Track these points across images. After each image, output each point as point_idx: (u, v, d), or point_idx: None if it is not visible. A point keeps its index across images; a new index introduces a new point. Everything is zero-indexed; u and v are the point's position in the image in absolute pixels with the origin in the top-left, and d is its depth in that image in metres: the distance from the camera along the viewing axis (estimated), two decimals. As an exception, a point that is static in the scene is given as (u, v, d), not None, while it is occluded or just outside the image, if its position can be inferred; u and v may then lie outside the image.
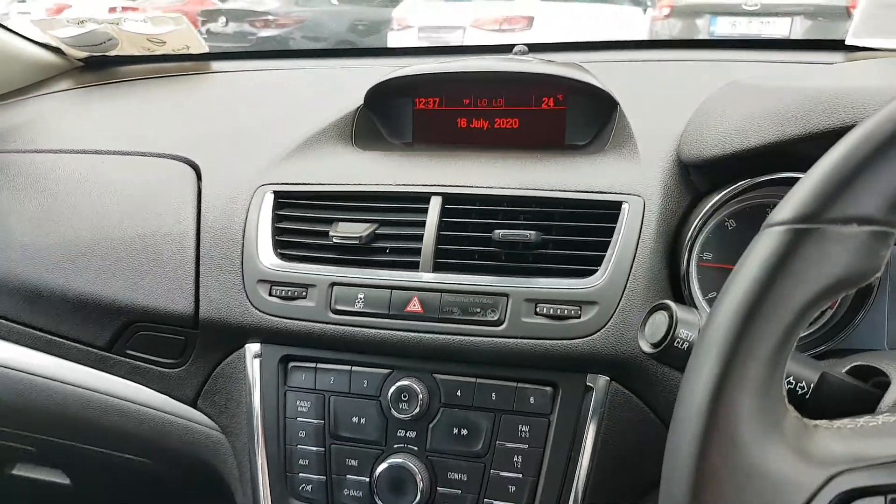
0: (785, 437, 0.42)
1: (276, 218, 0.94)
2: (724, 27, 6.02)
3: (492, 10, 6.60)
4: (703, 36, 5.95)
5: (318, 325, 0.88)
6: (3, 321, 1.08)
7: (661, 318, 0.58)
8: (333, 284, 0.88)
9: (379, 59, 1.36)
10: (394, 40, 6.65)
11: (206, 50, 1.46)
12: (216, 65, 1.42)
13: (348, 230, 0.89)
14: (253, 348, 0.93)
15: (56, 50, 1.48)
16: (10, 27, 1.43)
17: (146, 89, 1.32)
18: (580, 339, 0.80)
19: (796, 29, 5.47)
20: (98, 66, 1.49)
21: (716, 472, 0.41)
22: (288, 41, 6.72)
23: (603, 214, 0.84)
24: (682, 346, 0.56)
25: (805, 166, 0.73)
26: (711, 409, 0.41)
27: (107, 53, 1.47)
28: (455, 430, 0.85)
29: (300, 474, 0.89)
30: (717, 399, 0.41)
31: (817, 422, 0.45)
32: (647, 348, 0.59)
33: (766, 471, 0.41)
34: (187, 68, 1.41)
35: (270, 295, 0.90)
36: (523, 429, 0.83)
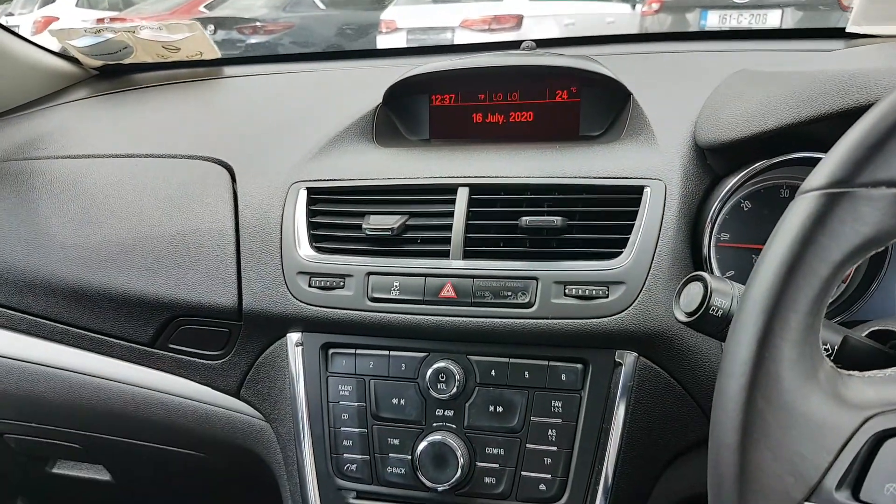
0: (822, 383, 0.47)
1: (311, 213, 0.98)
2: (714, 21, 6.10)
3: (480, 10, 6.65)
4: (693, 30, 6.03)
5: (356, 312, 0.92)
6: (49, 322, 1.12)
7: (696, 289, 0.63)
8: (370, 274, 0.92)
9: (390, 59, 1.41)
10: (382, 43, 6.69)
11: (219, 55, 1.51)
12: (229, 70, 1.47)
13: (380, 223, 0.93)
14: (294, 337, 0.97)
15: (71, 59, 1.53)
16: (29, 38, 1.47)
17: (167, 95, 1.36)
18: (608, 318, 0.85)
19: (787, 20, 5.55)
20: (112, 74, 1.54)
21: (762, 415, 0.46)
22: (277, 47, 6.75)
23: (626, 199, 0.89)
24: (716, 313, 0.61)
25: (818, 146, 0.79)
26: (757, 357, 0.46)
27: (122, 62, 1.52)
28: (491, 408, 0.89)
29: (345, 455, 0.94)
30: (762, 348, 0.46)
31: (850, 371, 0.50)
32: (682, 317, 0.64)
33: (808, 413, 0.46)
34: (200, 74, 1.46)
35: (310, 286, 0.94)
36: (556, 404, 0.88)
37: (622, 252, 0.86)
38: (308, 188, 0.99)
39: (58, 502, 1.59)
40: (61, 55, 1.53)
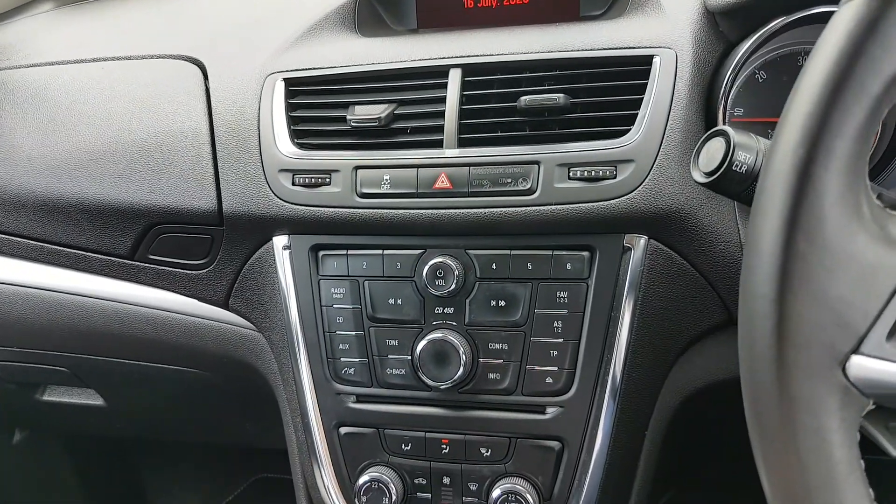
0: (869, 222, 0.41)
1: (290, 107, 0.91)
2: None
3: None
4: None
5: (345, 210, 0.86)
6: (20, 239, 1.05)
7: (716, 145, 0.57)
8: (357, 168, 0.86)
9: None
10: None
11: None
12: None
13: (366, 113, 0.86)
14: (281, 240, 0.91)
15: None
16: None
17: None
18: (617, 199, 0.79)
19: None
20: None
21: (803, 258, 0.40)
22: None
23: (633, 71, 0.81)
24: (740, 169, 0.55)
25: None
26: (798, 190, 0.40)
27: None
28: (493, 303, 0.85)
29: (342, 359, 0.90)
30: (803, 180, 0.40)
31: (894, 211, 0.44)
32: (700, 178, 0.58)
33: (855, 255, 0.40)
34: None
35: (294, 184, 0.88)
36: (561, 295, 0.83)
37: (630, 129, 0.80)
38: (285, 79, 0.92)
39: (54, 432, 1.57)
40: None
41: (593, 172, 0.79)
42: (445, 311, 0.86)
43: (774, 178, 0.41)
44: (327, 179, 0.87)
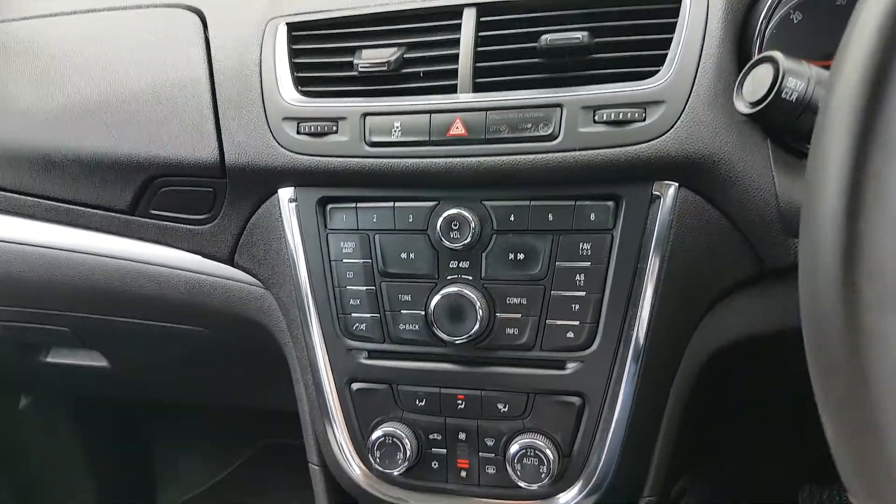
0: None
1: (294, 53, 0.87)
2: None
3: None
4: None
5: (353, 160, 0.82)
6: (17, 195, 1.02)
7: (763, 72, 0.52)
8: (366, 115, 0.81)
9: None
10: None
11: None
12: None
13: (374, 56, 0.82)
14: (286, 193, 0.87)
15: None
16: None
17: None
18: (646, 144, 0.74)
19: None
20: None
21: (878, 175, 0.36)
22: None
23: (663, 9, 0.76)
24: (790, 97, 0.51)
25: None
26: (873, 97, 0.35)
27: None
28: (510, 256, 0.81)
29: (353, 315, 0.86)
30: (880, 85, 0.35)
31: None
32: (745, 108, 0.53)
33: None
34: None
35: (298, 133, 0.84)
36: (584, 247, 0.79)
37: (660, 70, 0.75)
38: (288, 24, 0.87)
39: (59, 396, 1.55)
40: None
41: (620, 115, 0.74)
42: (461, 265, 0.82)
43: (845, 88, 0.37)
44: (334, 128, 0.82)
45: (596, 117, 0.75)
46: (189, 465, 1.82)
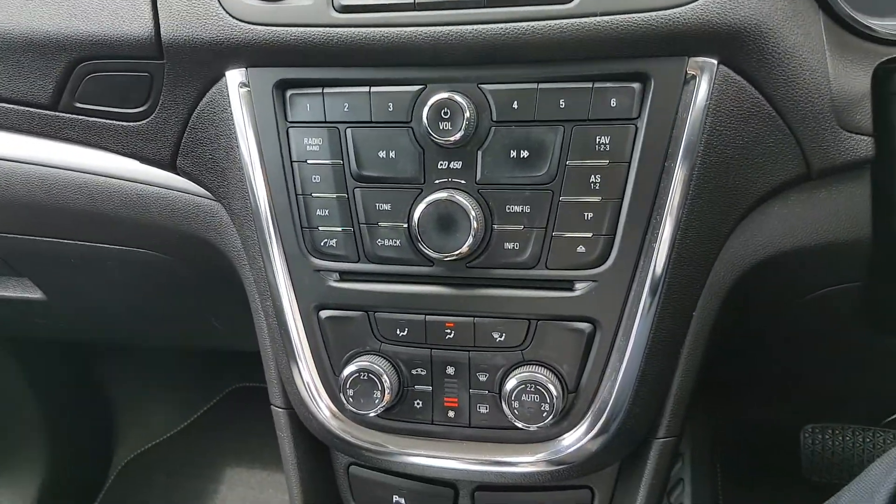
0: None
1: None
2: None
3: None
4: None
5: (319, 30, 0.67)
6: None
7: None
8: None
9: None
10: None
11: None
12: None
13: None
14: (236, 76, 0.72)
15: None
16: None
17: None
18: (681, 7, 0.60)
19: None
20: None
21: None
22: None
23: None
24: None
25: None
26: None
27: None
28: (512, 154, 0.67)
29: (320, 228, 0.73)
30: None
31: None
32: None
33: None
34: None
35: None
36: (602, 141, 0.65)
37: None
38: None
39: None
40: None
41: None
42: (452, 165, 0.68)
43: None
44: None
45: None
46: (153, 411, 1.70)
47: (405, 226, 0.70)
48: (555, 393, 0.70)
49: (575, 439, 0.74)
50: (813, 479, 1.33)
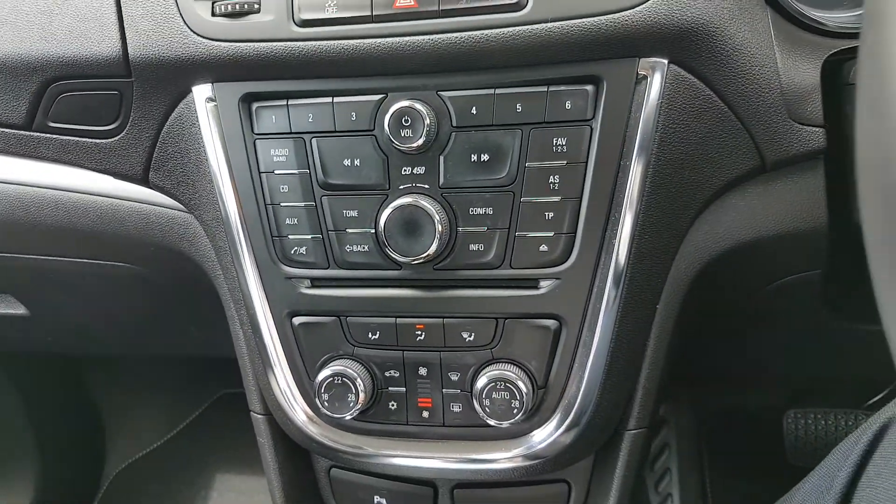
0: None
1: None
2: None
3: None
4: None
5: (281, 44, 0.68)
6: None
7: None
8: None
9: None
10: None
11: None
12: None
13: None
14: (203, 91, 0.73)
15: None
16: None
17: None
18: (631, 10, 0.62)
19: None
20: None
21: None
22: None
23: None
24: None
25: None
26: None
27: None
28: (473, 157, 0.69)
29: (290, 236, 0.74)
30: None
31: None
32: None
33: None
34: None
35: (213, 14, 0.70)
36: (559, 142, 0.67)
37: None
38: None
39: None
40: None
41: None
42: (415, 171, 0.70)
43: None
44: (256, 5, 0.69)
45: None
46: (141, 419, 1.71)
47: (372, 231, 0.71)
48: (524, 389, 0.71)
49: (546, 434, 0.75)
50: (797, 464, 1.34)
